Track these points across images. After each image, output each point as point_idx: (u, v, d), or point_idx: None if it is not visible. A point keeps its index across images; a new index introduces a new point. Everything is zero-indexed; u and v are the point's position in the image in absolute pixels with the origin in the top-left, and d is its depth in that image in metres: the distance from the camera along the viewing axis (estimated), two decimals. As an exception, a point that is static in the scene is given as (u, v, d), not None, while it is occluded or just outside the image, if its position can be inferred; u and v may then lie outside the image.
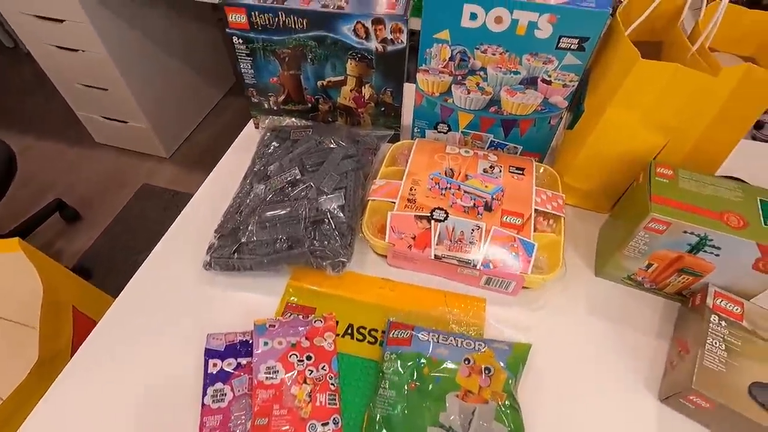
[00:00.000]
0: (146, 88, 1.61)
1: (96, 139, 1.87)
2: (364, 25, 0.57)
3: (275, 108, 0.71)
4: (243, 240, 0.53)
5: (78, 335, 0.91)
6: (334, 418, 0.44)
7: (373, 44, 0.59)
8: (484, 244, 0.53)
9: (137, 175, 1.78)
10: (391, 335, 0.49)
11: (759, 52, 0.56)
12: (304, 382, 0.45)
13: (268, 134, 0.67)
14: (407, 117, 0.69)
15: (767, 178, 0.63)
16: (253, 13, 0.58)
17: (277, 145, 0.64)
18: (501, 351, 0.47)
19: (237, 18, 0.59)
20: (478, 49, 0.55)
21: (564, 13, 0.49)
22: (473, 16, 0.52)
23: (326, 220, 0.55)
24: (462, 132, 0.67)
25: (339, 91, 0.66)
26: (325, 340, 0.49)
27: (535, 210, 0.57)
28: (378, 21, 0.56)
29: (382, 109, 0.68)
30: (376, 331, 0.52)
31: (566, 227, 0.58)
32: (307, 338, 0.48)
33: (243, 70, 0.66)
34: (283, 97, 0.69)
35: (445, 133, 0.68)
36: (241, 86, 0.68)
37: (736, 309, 0.47)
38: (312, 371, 0.46)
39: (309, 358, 0.47)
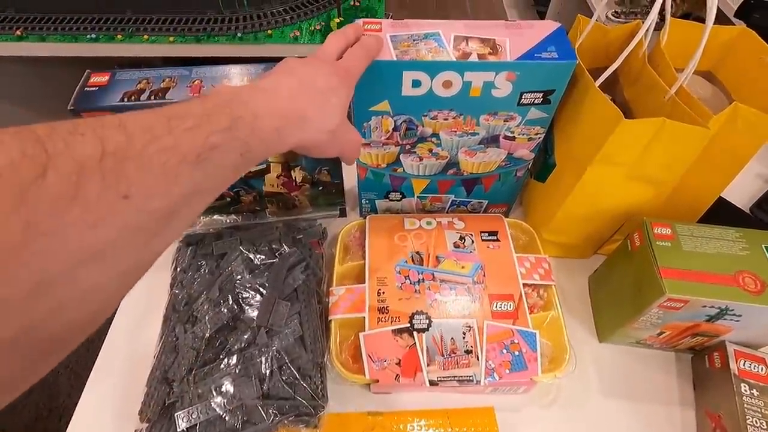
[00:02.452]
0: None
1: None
2: (279, 109, 0.44)
3: (184, 209, 0.56)
4: (181, 426, 0.40)
5: None
6: None
7: (296, 127, 0.46)
8: (482, 350, 0.45)
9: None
10: (401, 505, 0.39)
11: (716, 67, 0.52)
12: None
13: (184, 251, 0.52)
14: (351, 180, 0.57)
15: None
16: (124, 115, 0.43)
17: (198, 266, 0.50)
18: (535, 494, 0.39)
19: (103, 124, 0.43)
20: (426, 116, 0.45)
21: (524, 69, 0.40)
22: (416, 84, 0.42)
23: (284, 367, 0.43)
24: (418, 197, 0.57)
25: (263, 180, 0.53)
26: None
27: (523, 284, 0.49)
28: (297, 102, 0.44)
29: (320, 188, 0.56)
30: (380, 495, 0.42)
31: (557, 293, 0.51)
32: None
33: (129, 178, 0.50)
34: (191, 197, 0.54)
35: (399, 200, 0.58)
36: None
37: (762, 369, 0.43)
38: None
39: None
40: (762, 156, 0.70)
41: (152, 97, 0.42)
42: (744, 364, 0.43)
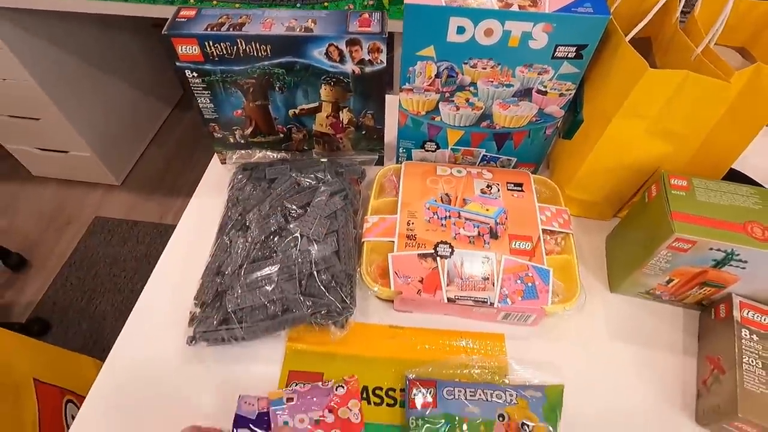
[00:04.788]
0: (84, 113, 1.46)
1: (33, 173, 1.69)
2: (337, 47, 0.50)
3: (242, 141, 0.63)
4: (230, 308, 0.47)
5: (45, 411, 0.81)
6: None
7: (349, 67, 0.52)
8: (498, 277, 0.49)
9: (86, 208, 1.63)
10: (412, 396, 0.44)
11: (750, 42, 0.54)
12: None
13: (240, 174, 0.59)
14: (390, 134, 0.63)
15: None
16: (206, 43, 0.50)
17: (251, 186, 0.57)
18: (535, 400, 0.43)
19: (188, 50, 0.51)
20: (466, 63, 0.50)
21: (560, 21, 0.45)
22: (461, 30, 0.47)
23: (321, 272, 0.49)
24: (452, 149, 0.62)
25: (314, 119, 0.59)
26: (351, 410, 0.44)
27: (542, 230, 0.53)
28: (353, 42, 0.50)
29: (363, 132, 0.62)
30: (394, 390, 0.47)
31: (574, 242, 0.55)
32: (330, 411, 0.43)
33: (201, 105, 0.58)
34: (250, 130, 0.61)
35: (434, 151, 0.63)
36: (196, 114, 0.60)
37: (764, 319, 0.45)
38: None
39: None
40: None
41: (230, 29, 0.49)
42: (747, 314, 0.45)
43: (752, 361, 0.42)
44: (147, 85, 1.73)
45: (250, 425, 0.42)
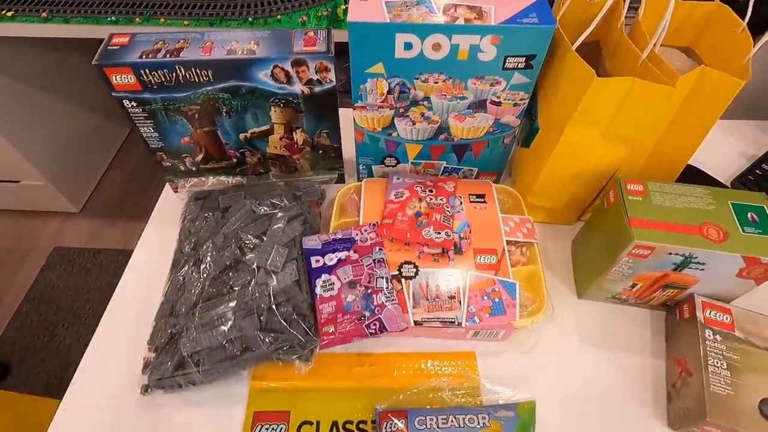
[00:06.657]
0: (33, 140, 1.38)
1: (-17, 206, 1.59)
2: (283, 69, 0.48)
3: (194, 169, 0.60)
4: (185, 352, 0.44)
5: (2, 466, 0.75)
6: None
7: (298, 87, 0.50)
8: (464, 295, 0.48)
9: (44, 238, 1.55)
10: (384, 430, 0.42)
11: (694, 42, 0.55)
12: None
13: (192, 204, 0.56)
14: (349, 149, 0.61)
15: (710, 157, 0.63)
16: (142, 71, 0.47)
17: (204, 217, 0.54)
18: (507, 420, 0.42)
19: (123, 79, 0.48)
20: (417, 79, 0.49)
21: (507, 32, 0.44)
22: (408, 46, 0.46)
23: (281, 305, 0.47)
24: (412, 163, 0.61)
25: (267, 141, 0.57)
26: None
27: (507, 241, 0.53)
28: (299, 62, 0.48)
29: (320, 152, 0.60)
30: (365, 422, 0.45)
31: (539, 251, 0.54)
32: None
33: (144, 135, 0.54)
34: (200, 157, 0.58)
35: (394, 166, 0.61)
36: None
37: (726, 318, 0.45)
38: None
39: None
40: (746, 135, 0.73)
41: (168, 56, 0.47)
42: (710, 314, 0.46)
43: (717, 363, 0.42)
44: (102, 106, 1.66)
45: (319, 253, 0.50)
